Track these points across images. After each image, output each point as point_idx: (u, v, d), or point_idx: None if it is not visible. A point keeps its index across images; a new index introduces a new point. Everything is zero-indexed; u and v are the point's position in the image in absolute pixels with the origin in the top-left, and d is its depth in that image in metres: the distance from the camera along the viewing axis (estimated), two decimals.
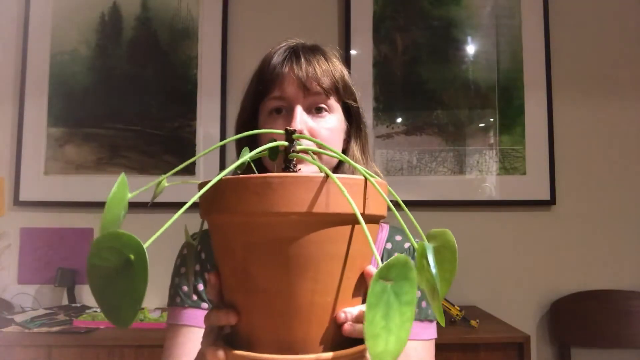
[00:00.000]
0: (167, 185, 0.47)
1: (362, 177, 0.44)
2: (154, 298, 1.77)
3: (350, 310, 0.45)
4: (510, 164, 1.95)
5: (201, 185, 0.44)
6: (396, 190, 0.45)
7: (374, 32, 1.99)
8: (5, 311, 1.72)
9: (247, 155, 0.46)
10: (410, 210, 0.49)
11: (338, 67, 0.81)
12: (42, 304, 1.86)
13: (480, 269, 1.91)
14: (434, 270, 0.43)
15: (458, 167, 1.95)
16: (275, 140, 0.74)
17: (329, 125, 0.78)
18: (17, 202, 1.90)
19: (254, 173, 0.43)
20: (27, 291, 1.87)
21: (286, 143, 0.48)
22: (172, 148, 1.94)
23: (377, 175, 0.84)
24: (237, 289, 0.45)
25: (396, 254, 0.39)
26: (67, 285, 1.82)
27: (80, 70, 1.96)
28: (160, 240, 0.48)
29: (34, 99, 1.94)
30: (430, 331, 0.84)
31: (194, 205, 0.48)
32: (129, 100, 1.96)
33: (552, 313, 1.89)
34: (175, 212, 0.41)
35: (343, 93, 0.81)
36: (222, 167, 1.92)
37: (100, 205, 1.90)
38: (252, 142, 0.83)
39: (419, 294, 0.84)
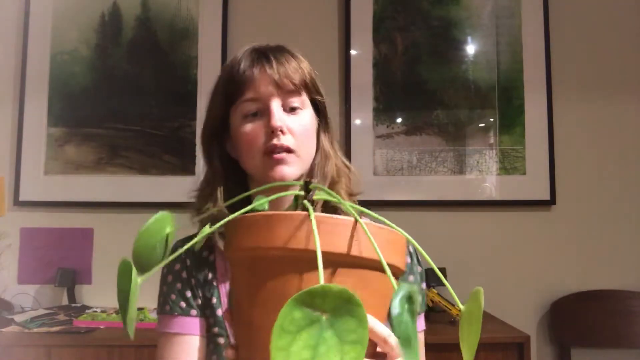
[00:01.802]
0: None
1: (352, 219, 0.42)
2: (153, 299, 1.76)
3: None
4: (510, 164, 1.95)
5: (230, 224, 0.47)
6: (396, 190, 0.45)
7: (374, 32, 1.99)
8: (5, 311, 1.72)
9: (262, 201, 0.49)
10: (410, 210, 0.49)
11: (305, 64, 0.83)
12: (42, 304, 1.86)
13: (480, 268, 1.91)
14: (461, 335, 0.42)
15: (458, 167, 1.95)
16: (259, 141, 0.76)
17: (304, 122, 0.79)
18: (17, 202, 1.90)
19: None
20: (27, 291, 1.87)
21: (302, 193, 0.49)
22: (172, 148, 1.94)
23: (347, 166, 0.86)
24: (236, 323, 0.47)
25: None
26: (67, 285, 1.82)
27: (80, 70, 1.96)
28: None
29: (34, 99, 1.94)
30: (420, 322, 0.84)
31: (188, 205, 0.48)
32: (129, 100, 1.96)
33: (552, 313, 1.89)
34: (175, 212, 0.42)
35: (312, 89, 0.82)
36: None
37: (100, 205, 1.91)
38: (221, 153, 0.84)
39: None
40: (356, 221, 0.42)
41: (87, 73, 1.96)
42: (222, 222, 0.45)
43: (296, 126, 0.77)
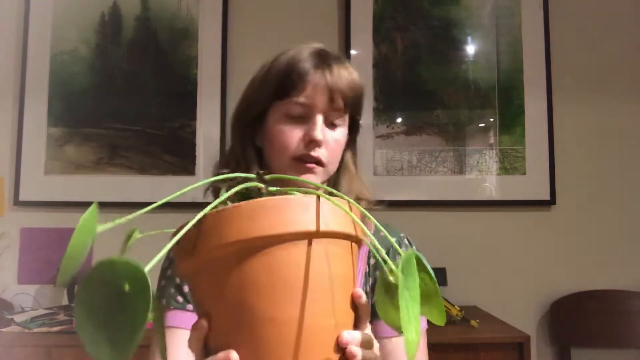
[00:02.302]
0: (140, 236, 0.45)
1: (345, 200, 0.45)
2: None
3: (352, 332, 0.45)
4: (510, 164, 1.95)
5: (178, 231, 0.43)
6: (396, 190, 0.45)
7: (374, 32, 1.99)
8: (5, 311, 1.72)
9: (224, 196, 0.46)
10: (410, 210, 0.50)
11: (361, 83, 0.82)
12: (42, 304, 1.86)
13: (480, 269, 1.91)
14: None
15: (458, 167, 1.95)
16: (294, 147, 0.76)
17: (339, 139, 0.80)
18: (17, 202, 1.90)
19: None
20: (27, 291, 1.87)
21: (262, 185, 0.47)
22: (172, 148, 1.94)
23: (365, 187, 0.87)
24: (235, 328, 0.43)
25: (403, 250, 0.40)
26: (67, 285, 1.82)
27: (80, 70, 1.96)
28: (160, 239, 0.48)
29: (34, 99, 1.94)
30: (422, 322, 0.85)
31: (191, 205, 0.48)
32: (129, 100, 1.96)
33: (552, 313, 1.89)
34: (174, 212, 0.41)
35: (356, 109, 0.83)
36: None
37: (100, 205, 1.90)
38: (254, 140, 0.83)
39: None
40: (318, 197, 0.44)
41: (87, 73, 1.96)
42: (198, 216, 0.43)
43: (331, 141, 0.79)
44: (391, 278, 0.43)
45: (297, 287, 0.42)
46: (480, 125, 1.97)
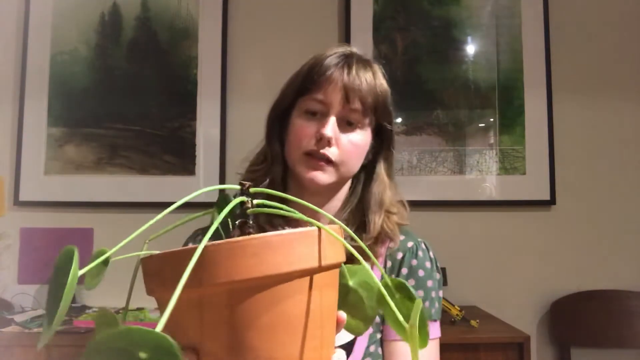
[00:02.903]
0: (113, 259, 0.43)
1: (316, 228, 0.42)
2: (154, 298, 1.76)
3: (340, 354, 0.47)
4: (510, 164, 1.95)
5: (148, 261, 0.41)
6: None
7: (374, 32, 1.99)
8: (5, 311, 1.72)
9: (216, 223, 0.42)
10: (410, 210, 0.50)
11: (384, 88, 0.83)
12: (42, 304, 1.85)
13: (480, 269, 1.91)
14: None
15: (458, 167, 1.95)
16: (306, 142, 0.77)
17: (355, 140, 0.80)
18: (17, 202, 1.90)
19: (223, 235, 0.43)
20: (27, 291, 1.87)
21: (245, 198, 0.45)
22: (172, 148, 1.94)
23: (403, 204, 0.88)
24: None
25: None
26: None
27: (80, 70, 1.96)
28: (160, 240, 0.48)
29: (34, 99, 1.94)
30: (434, 330, 0.85)
31: (191, 205, 0.47)
32: (129, 100, 1.96)
33: (552, 313, 1.89)
34: (176, 213, 0.41)
35: (380, 114, 0.82)
36: (222, 168, 1.92)
37: (100, 205, 1.91)
38: (281, 135, 0.84)
39: (421, 293, 0.85)
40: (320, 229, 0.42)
41: (87, 73, 1.96)
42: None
43: (346, 142, 0.79)
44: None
45: (297, 325, 0.41)
46: (480, 125, 1.97)
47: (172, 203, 0.42)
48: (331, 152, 0.78)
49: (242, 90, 1.97)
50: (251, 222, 0.45)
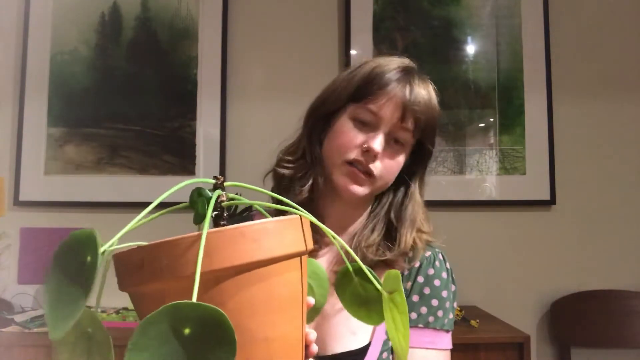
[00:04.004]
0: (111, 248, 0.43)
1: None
2: None
3: (312, 332, 0.52)
4: (510, 164, 1.95)
5: (120, 257, 0.42)
6: None
7: (374, 32, 1.99)
8: (5, 311, 1.72)
9: (210, 213, 0.43)
10: None
11: (437, 110, 0.84)
12: (42, 304, 1.86)
13: (480, 269, 1.91)
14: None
15: (458, 167, 1.95)
16: (350, 150, 0.78)
17: (397, 159, 0.81)
18: (17, 202, 1.90)
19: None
20: (27, 291, 1.87)
21: (220, 192, 0.46)
22: (172, 148, 1.94)
23: (428, 220, 0.89)
24: None
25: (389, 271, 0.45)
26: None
27: (80, 70, 1.96)
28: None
29: (34, 99, 1.94)
30: (446, 341, 0.84)
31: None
32: (129, 100, 1.96)
33: (552, 313, 1.89)
34: (175, 213, 0.41)
35: (426, 135, 0.83)
36: (222, 168, 1.92)
37: (100, 205, 1.91)
38: (321, 135, 0.84)
39: (435, 302, 0.84)
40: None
41: (87, 73, 1.96)
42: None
43: (389, 158, 0.79)
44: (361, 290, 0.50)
45: (288, 305, 0.44)
46: (480, 125, 1.97)
47: (172, 203, 0.43)
48: (375, 166, 0.78)
49: (242, 90, 1.97)
50: (225, 214, 0.46)
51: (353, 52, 1.97)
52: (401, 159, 0.81)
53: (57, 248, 0.35)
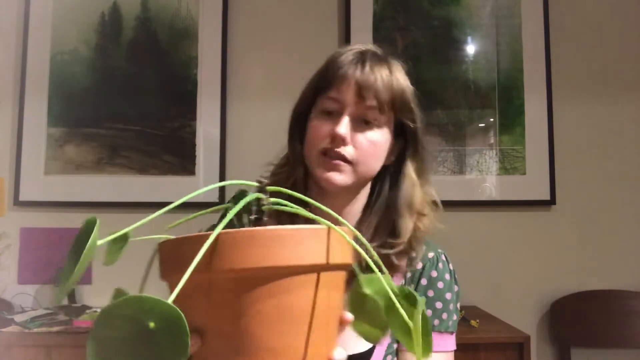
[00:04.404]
0: (132, 239, 0.45)
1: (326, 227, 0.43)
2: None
3: (340, 352, 0.46)
4: (510, 164, 1.95)
5: (164, 246, 0.43)
6: None
7: (374, 32, 1.99)
8: (5, 311, 1.72)
9: (231, 214, 0.44)
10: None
11: (401, 83, 0.80)
12: (42, 304, 1.85)
13: (480, 269, 1.91)
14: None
15: (458, 167, 1.95)
16: (321, 141, 0.76)
17: (372, 138, 0.77)
18: (17, 202, 1.90)
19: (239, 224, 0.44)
20: (27, 291, 1.87)
21: (262, 195, 0.46)
22: (172, 148, 1.94)
23: (435, 204, 0.85)
24: (231, 353, 0.42)
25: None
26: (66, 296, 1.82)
27: (80, 70, 1.96)
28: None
29: (34, 99, 1.94)
30: (450, 342, 0.84)
31: (192, 205, 0.47)
32: (129, 100, 1.96)
33: (552, 313, 1.89)
34: (176, 213, 0.41)
35: (399, 110, 0.79)
36: (222, 168, 1.92)
37: (100, 205, 1.91)
38: (302, 136, 0.83)
39: (440, 305, 0.84)
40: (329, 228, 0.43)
41: (87, 73, 1.96)
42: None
43: (363, 140, 0.77)
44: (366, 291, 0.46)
45: (301, 318, 0.42)
46: (480, 125, 1.97)
47: (171, 203, 0.43)
48: (346, 150, 0.75)
49: (242, 90, 1.97)
50: (265, 219, 0.46)
51: None
52: (377, 139, 0.78)
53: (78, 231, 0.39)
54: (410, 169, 0.83)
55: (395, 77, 0.80)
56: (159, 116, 1.95)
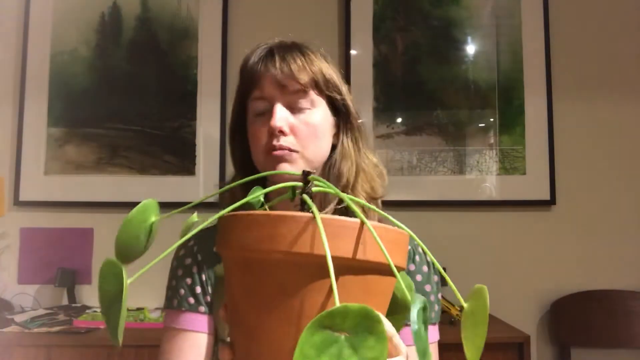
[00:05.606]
0: (196, 220, 0.47)
1: (358, 221, 0.40)
2: (154, 298, 1.76)
3: None
4: (510, 164, 1.95)
5: (223, 219, 0.44)
6: (396, 190, 0.45)
7: (374, 32, 1.99)
8: (5, 311, 1.72)
9: (258, 193, 0.48)
10: (410, 211, 0.49)
11: (316, 62, 0.80)
12: (42, 304, 1.86)
13: (480, 268, 1.91)
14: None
15: (458, 167, 1.95)
16: (263, 141, 0.76)
17: (312, 121, 0.77)
18: (17, 202, 1.90)
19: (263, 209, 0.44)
20: (27, 291, 1.87)
21: (301, 184, 0.46)
22: (172, 148, 1.94)
23: (376, 166, 0.84)
24: (231, 323, 0.45)
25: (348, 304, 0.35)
26: (67, 285, 1.82)
27: (80, 70, 1.96)
28: (159, 240, 0.48)
29: (34, 99, 1.94)
30: (433, 334, 0.85)
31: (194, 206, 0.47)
32: (129, 100, 1.96)
33: (552, 313, 1.89)
34: (175, 213, 0.41)
35: (324, 87, 0.79)
36: (222, 168, 1.92)
37: (100, 205, 1.91)
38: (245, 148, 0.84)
39: (435, 302, 0.84)
40: (362, 223, 0.40)
41: (87, 73, 1.96)
42: (218, 215, 0.43)
43: (301, 126, 0.76)
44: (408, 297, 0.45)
45: (278, 305, 0.40)
46: (480, 125, 1.97)
47: (172, 203, 0.44)
48: (288, 141, 0.75)
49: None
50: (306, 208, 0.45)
51: (353, 52, 1.97)
52: (313, 120, 0.77)
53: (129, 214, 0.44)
54: (348, 143, 0.82)
55: (309, 58, 0.80)
56: (159, 116, 1.95)
